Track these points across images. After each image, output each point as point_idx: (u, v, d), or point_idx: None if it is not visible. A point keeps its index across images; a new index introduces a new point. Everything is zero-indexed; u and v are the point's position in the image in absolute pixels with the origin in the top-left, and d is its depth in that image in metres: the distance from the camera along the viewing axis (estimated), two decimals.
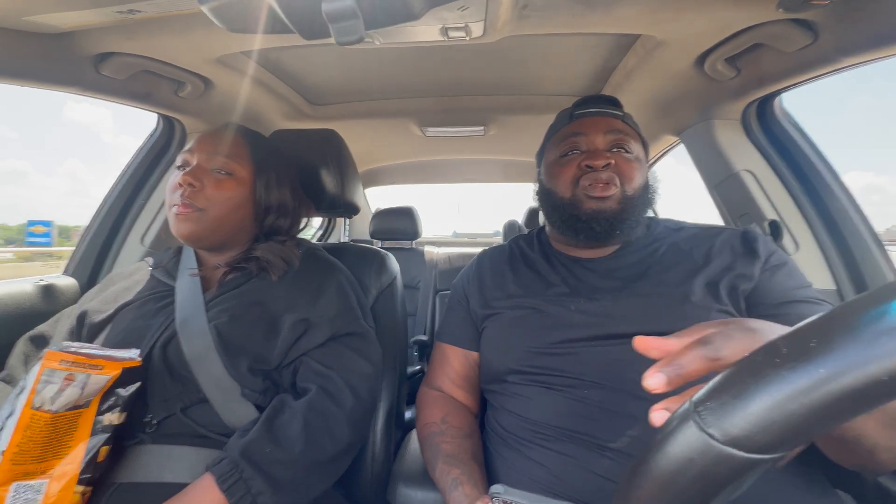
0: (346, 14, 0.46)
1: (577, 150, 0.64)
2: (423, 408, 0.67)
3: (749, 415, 0.19)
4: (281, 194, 0.69)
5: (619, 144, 0.63)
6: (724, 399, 0.20)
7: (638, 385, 0.50)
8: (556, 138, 0.68)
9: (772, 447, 0.19)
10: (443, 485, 0.54)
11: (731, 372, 0.21)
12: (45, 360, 0.45)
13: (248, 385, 0.56)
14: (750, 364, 0.21)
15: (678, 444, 0.21)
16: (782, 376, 0.19)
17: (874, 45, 0.60)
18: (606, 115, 0.65)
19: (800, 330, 0.20)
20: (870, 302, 0.19)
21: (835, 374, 0.18)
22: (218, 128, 0.68)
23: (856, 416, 0.18)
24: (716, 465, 0.20)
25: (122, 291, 0.66)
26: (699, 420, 0.20)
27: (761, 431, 0.19)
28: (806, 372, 0.18)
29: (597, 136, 0.63)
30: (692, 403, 0.21)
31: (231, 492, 0.47)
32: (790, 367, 0.19)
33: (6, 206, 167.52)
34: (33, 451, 0.44)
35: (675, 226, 0.67)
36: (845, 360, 0.17)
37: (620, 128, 0.64)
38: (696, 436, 0.20)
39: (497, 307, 0.65)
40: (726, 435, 0.19)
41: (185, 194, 0.59)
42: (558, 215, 0.65)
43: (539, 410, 0.55)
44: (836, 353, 0.18)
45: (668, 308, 0.55)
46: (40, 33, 0.66)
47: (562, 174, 0.64)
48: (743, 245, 0.59)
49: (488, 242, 2.67)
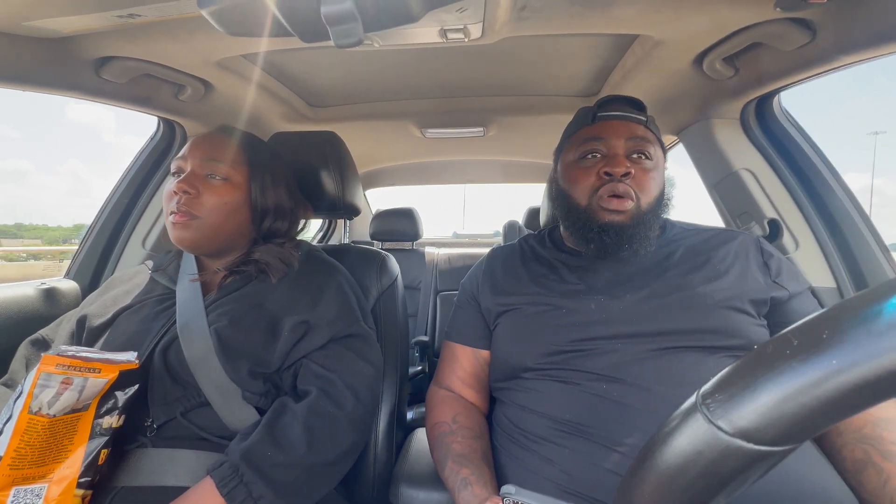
0: (345, 17, 0.46)
1: (597, 154, 0.63)
2: (433, 407, 0.66)
3: (758, 406, 0.19)
4: (277, 196, 0.68)
5: (641, 150, 0.62)
6: (732, 391, 0.20)
7: (658, 383, 0.51)
8: (575, 138, 0.67)
9: (781, 439, 0.19)
10: (452, 484, 0.54)
11: (740, 364, 0.21)
12: (41, 364, 0.45)
13: (249, 388, 0.56)
14: (760, 356, 0.21)
15: (685, 437, 0.21)
16: (794, 368, 0.19)
17: (872, 43, 0.60)
18: (630, 120, 0.64)
19: (811, 322, 0.20)
20: (881, 294, 0.18)
21: (847, 365, 0.17)
22: (211, 132, 0.68)
23: (866, 407, 0.18)
24: (724, 458, 0.19)
25: (122, 295, 0.66)
26: (707, 412, 0.20)
27: (771, 423, 0.19)
28: (818, 363, 0.18)
29: (618, 141, 0.62)
30: (699, 396, 0.21)
31: (232, 496, 0.46)
32: (802, 358, 0.19)
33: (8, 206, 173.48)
34: (32, 455, 0.43)
35: (691, 228, 0.68)
36: (858, 352, 0.17)
37: (642, 134, 0.63)
38: (704, 428, 0.20)
39: (512, 303, 0.65)
40: (735, 427, 0.19)
41: (181, 202, 0.59)
42: (572, 220, 0.65)
43: (553, 405, 0.55)
44: (849, 344, 0.18)
45: (687, 308, 0.55)
46: (41, 38, 0.67)
47: (580, 179, 0.63)
48: (758, 254, 0.62)
49: (489, 243, 2.67)
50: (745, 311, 0.56)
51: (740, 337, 0.54)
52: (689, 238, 0.65)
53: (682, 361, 0.53)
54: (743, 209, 0.90)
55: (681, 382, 0.51)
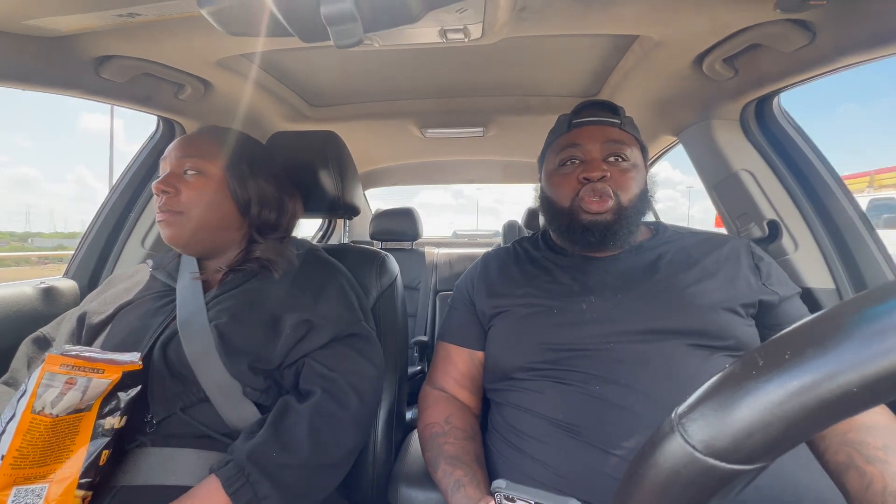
0: (345, 17, 0.47)
1: (575, 160, 0.65)
2: (426, 408, 0.67)
3: (729, 427, 0.19)
4: (258, 185, 0.67)
5: (616, 153, 0.64)
6: (705, 411, 0.20)
7: (649, 383, 0.51)
8: (554, 146, 0.69)
9: (753, 458, 0.19)
10: (445, 486, 0.54)
11: (712, 385, 0.21)
12: (46, 363, 0.45)
13: (250, 384, 0.56)
14: (729, 377, 0.21)
15: (665, 456, 0.21)
16: (759, 388, 0.19)
17: (872, 44, 0.60)
18: (603, 125, 0.65)
19: (775, 342, 0.21)
20: (839, 315, 0.19)
21: (807, 385, 0.18)
22: (191, 133, 0.69)
23: (830, 425, 0.18)
24: (700, 477, 0.20)
25: (122, 292, 0.66)
26: (683, 432, 0.21)
27: (742, 443, 0.19)
28: (780, 384, 0.19)
29: (593, 146, 0.64)
30: (676, 416, 0.22)
31: (237, 496, 0.46)
32: (766, 378, 0.19)
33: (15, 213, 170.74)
34: (34, 455, 0.44)
35: (682, 231, 0.69)
36: (816, 372, 0.18)
37: (617, 137, 0.64)
38: (681, 448, 0.20)
39: (506, 305, 0.65)
40: (709, 447, 0.19)
41: (163, 201, 0.60)
42: (557, 223, 0.67)
43: (548, 404, 0.55)
44: (807, 364, 0.18)
45: (678, 308, 0.56)
46: (41, 37, 0.66)
47: (561, 185, 0.66)
48: (749, 258, 0.62)
49: (489, 242, 2.67)
50: (735, 312, 0.56)
51: (731, 337, 0.54)
52: (681, 241, 0.66)
53: (674, 362, 0.53)
54: (742, 210, 0.90)
55: (674, 384, 0.51)
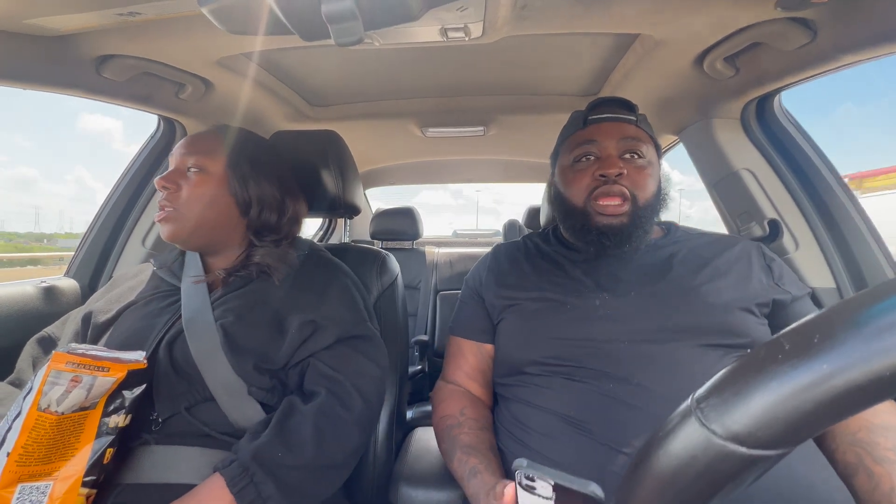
0: (346, 15, 0.46)
1: (590, 157, 0.64)
2: (440, 401, 0.67)
3: (751, 411, 0.19)
4: (259, 186, 0.65)
5: (632, 150, 0.63)
6: (725, 395, 0.20)
7: (661, 382, 0.51)
8: (569, 142, 0.68)
9: (774, 443, 0.19)
10: (461, 473, 0.54)
11: (734, 368, 0.21)
12: (52, 361, 0.45)
13: (255, 383, 0.56)
14: (752, 360, 0.21)
15: (680, 441, 0.21)
16: (785, 372, 0.19)
17: (873, 43, 0.60)
18: (619, 121, 0.65)
19: (802, 326, 0.20)
20: (872, 298, 0.19)
21: (838, 369, 0.18)
22: (200, 131, 0.69)
23: (858, 411, 0.18)
24: (718, 462, 0.20)
25: (126, 292, 0.67)
26: (701, 416, 0.20)
27: (763, 427, 0.19)
28: (809, 367, 0.18)
29: (609, 142, 0.63)
30: (694, 400, 0.21)
31: (241, 495, 0.46)
32: (793, 363, 0.19)
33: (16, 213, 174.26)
34: (39, 452, 0.44)
35: (694, 232, 0.69)
36: (849, 356, 0.17)
37: (633, 134, 0.64)
38: (698, 432, 0.20)
39: (516, 298, 0.65)
40: (728, 431, 0.19)
41: (163, 198, 0.61)
42: (570, 223, 0.66)
43: (558, 400, 0.55)
44: (840, 348, 0.18)
45: (691, 306, 0.56)
46: (41, 36, 0.66)
47: (575, 182, 0.65)
48: (760, 258, 0.63)
49: (489, 242, 2.67)
50: (750, 311, 0.56)
51: (746, 336, 0.54)
52: (693, 241, 0.66)
53: (688, 361, 0.53)
54: (743, 209, 0.90)
55: (687, 384, 0.51)
